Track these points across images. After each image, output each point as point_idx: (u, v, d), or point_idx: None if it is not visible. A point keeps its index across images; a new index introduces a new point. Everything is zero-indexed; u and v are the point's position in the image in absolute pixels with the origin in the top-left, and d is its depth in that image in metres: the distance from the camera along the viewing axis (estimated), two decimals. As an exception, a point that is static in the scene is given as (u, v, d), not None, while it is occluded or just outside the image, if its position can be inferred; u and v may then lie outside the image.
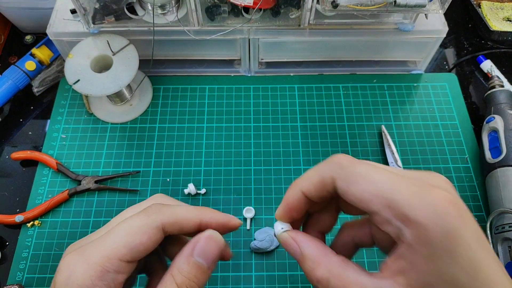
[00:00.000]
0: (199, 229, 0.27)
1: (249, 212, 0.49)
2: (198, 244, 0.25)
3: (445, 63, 0.65)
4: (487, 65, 0.62)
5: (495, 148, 0.50)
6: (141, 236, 0.25)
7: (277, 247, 0.48)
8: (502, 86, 0.56)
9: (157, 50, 0.56)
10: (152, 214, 0.26)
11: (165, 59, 0.60)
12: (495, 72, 0.61)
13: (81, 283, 0.23)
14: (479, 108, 0.60)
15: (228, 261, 0.30)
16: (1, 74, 0.57)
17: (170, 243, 0.29)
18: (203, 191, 0.51)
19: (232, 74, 0.62)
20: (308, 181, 0.26)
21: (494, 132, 0.52)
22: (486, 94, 0.56)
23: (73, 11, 0.54)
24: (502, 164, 0.48)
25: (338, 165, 0.24)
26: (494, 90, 0.55)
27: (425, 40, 0.56)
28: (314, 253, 0.25)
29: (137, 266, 0.26)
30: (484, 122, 0.54)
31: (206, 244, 0.25)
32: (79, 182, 0.52)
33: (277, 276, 0.46)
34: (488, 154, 0.51)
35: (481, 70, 0.63)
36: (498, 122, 0.51)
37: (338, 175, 0.24)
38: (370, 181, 0.22)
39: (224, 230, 0.28)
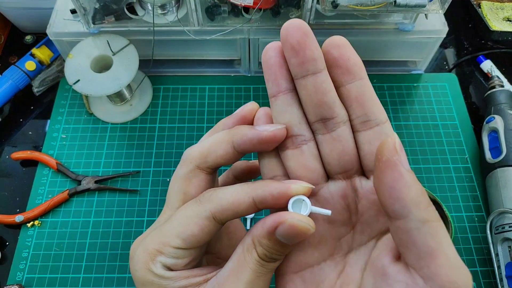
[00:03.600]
0: (257, 207, 0.24)
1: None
2: (281, 226, 0.22)
3: (445, 63, 0.65)
4: (487, 65, 0.62)
5: (495, 148, 0.50)
6: (192, 227, 0.24)
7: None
8: (502, 86, 0.56)
9: (157, 50, 0.56)
10: (203, 202, 0.24)
11: (165, 59, 0.60)
12: (495, 72, 0.61)
13: (143, 269, 0.24)
14: (479, 108, 0.60)
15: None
16: (1, 74, 0.57)
17: None
18: (203, 191, 0.51)
19: (232, 74, 0.62)
20: None
21: (494, 132, 0.52)
22: (486, 94, 0.56)
23: (73, 11, 0.54)
24: (502, 164, 0.48)
25: None
26: (494, 90, 0.55)
27: (425, 40, 0.56)
28: None
29: (202, 250, 0.26)
30: (484, 122, 0.54)
31: (289, 230, 0.22)
32: (79, 182, 0.52)
33: (277, 276, 0.46)
34: (488, 154, 0.51)
35: (481, 70, 0.63)
36: (498, 122, 0.51)
37: None
38: None
39: (286, 200, 0.23)
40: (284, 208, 0.23)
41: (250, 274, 0.23)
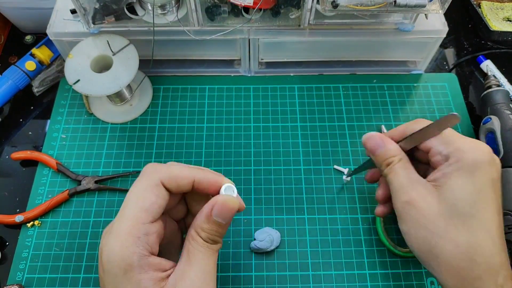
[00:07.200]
0: (193, 187, 0.31)
1: (249, 212, 0.50)
2: (215, 207, 0.29)
3: (445, 63, 0.65)
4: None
5: (493, 150, 0.50)
6: (149, 195, 0.29)
7: (277, 247, 0.48)
8: (499, 85, 0.55)
9: (157, 50, 0.56)
10: (150, 174, 0.31)
11: (165, 59, 0.60)
12: (492, 71, 0.61)
13: (121, 256, 0.27)
14: (478, 108, 0.60)
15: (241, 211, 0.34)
16: (1, 74, 0.57)
17: (193, 202, 0.35)
18: (203, 191, 0.52)
19: (232, 74, 0.62)
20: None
21: (491, 133, 0.51)
22: (482, 95, 0.56)
23: (73, 11, 0.54)
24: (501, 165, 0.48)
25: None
26: (490, 90, 0.55)
27: (425, 40, 0.56)
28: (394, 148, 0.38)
29: (165, 221, 0.31)
30: (481, 123, 0.54)
31: (222, 207, 0.30)
32: (79, 182, 0.52)
33: (277, 276, 0.46)
34: (487, 155, 0.51)
35: (481, 70, 0.63)
36: (494, 123, 0.51)
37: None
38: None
39: (216, 188, 0.31)
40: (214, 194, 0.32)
41: (201, 256, 0.29)
